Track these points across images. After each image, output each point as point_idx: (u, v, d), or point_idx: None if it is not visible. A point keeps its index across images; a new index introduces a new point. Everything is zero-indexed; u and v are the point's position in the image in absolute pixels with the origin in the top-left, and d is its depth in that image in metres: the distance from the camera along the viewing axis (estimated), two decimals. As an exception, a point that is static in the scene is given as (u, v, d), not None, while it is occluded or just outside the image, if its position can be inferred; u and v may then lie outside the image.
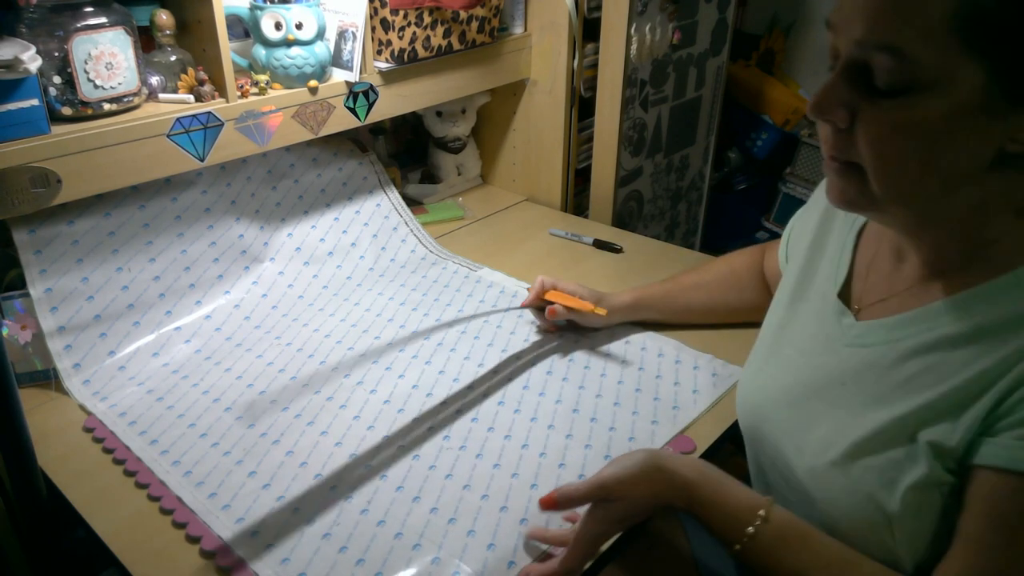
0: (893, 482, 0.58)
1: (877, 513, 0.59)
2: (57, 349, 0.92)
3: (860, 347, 0.64)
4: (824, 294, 0.71)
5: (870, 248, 0.70)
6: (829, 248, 0.74)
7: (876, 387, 0.61)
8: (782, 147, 1.92)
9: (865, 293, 0.68)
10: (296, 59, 1.03)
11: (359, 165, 1.30)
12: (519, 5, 1.36)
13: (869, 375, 0.62)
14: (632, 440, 0.83)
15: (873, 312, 0.65)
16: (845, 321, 0.67)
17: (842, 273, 0.70)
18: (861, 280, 0.69)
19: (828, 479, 0.63)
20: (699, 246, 1.86)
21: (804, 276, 0.75)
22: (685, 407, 0.88)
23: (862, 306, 0.67)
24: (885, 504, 0.58)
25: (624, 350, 0.99)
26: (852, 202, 0.58)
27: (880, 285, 0.66)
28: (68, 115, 0.88)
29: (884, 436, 0.59)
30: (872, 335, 0.63)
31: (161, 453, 0.82)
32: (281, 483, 0.77)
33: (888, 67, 0.50)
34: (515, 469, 0.79)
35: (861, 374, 0.63)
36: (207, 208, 1.09)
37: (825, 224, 0.75)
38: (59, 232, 0.94)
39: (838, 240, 0.73)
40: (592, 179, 1.47)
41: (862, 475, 0.60)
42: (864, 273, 0.69)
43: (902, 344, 0.60)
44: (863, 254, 0.70)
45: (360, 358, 0.98)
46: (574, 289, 0.98)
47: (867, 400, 0.62)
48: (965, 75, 0.49)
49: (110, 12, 0.88)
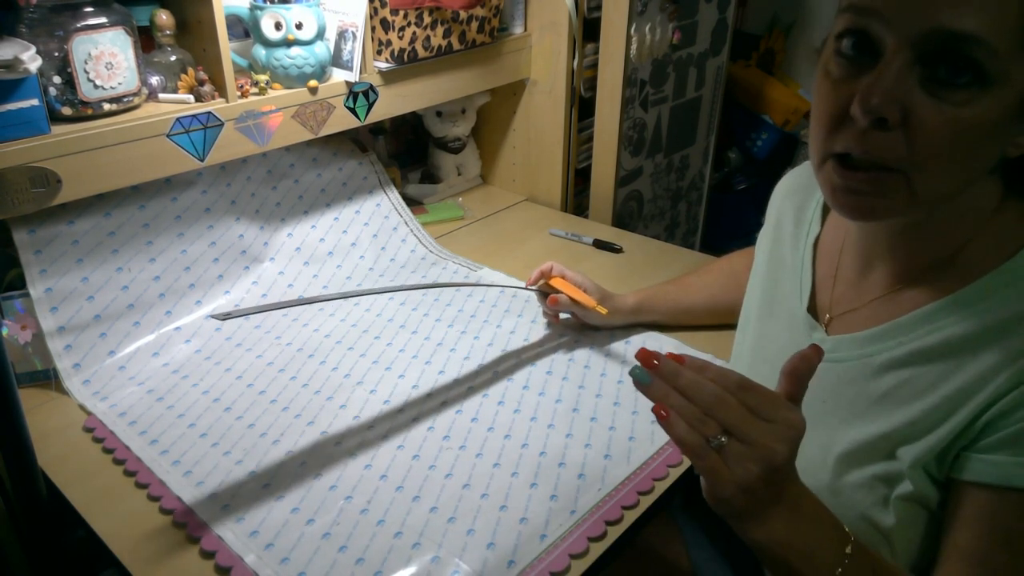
0: (884, 499, 0.58)
1: (872, 531, 0.59)
2: (57, 349, 0.92)
3: (834, 363, 0.63)
4: (792, 309, 0.70)
5: (830, 259, 0.69)
6: (786, 261, 0.73)
7: (854, 402, 0.61)
8: (782, 147, 1.92)
9: (833, 304, 0.67)
10: (296, 59, 1.03)
11: (359, 165, 1.30)
12: (519, 5, 1.36)
13: (846, 391, 0.62)
14: (632, 439, 0.83)
15: (844, 324, 0.65)
16: (816, 336, 0.66)
17: (807, 287, 0.69)
18: (827, 291, 0.68)
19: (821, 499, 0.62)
20: (699, 246, 1.86)
21: (768, 292, 0.74)
22: None
23: (832, 317, 0.66)
24: (880, 521, 0.58)
25: (624, 350, 0.99)
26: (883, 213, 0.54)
27: (848, 295, 0.65)
28: (68, 115, 0.88)
29: (866, 452, 0.59)
30: (844, 350, 0.63)
31: (161, 453, 0.82)
32: (281, 483, 0.78)
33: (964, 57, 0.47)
34: (514, 468, 0.79)
35: (838, 390, 0.62)
36: (207, 208, 1.09)
37: (777, 238, 0.75)
38: (59, 232, 0.94)
39: (794, 254, 0.72)
40: (592, 179, 1.47)
41: (851, 494, 0.60)
42: (829, 284, 0.68)
43: (875, 359, 0.60)
44: (822, 264, 0.69)
45: (360, 358, 0.98)
46: (581, 281, 0.97)
47: (847, 416, 0.61)
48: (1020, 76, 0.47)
49: (110, 12, 0.88)
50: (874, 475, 0.58)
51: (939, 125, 0.48)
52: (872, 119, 0.49)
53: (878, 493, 0.58)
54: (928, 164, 0.50)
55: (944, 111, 0.48)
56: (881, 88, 0.48)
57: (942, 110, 0.48)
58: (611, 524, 0.73)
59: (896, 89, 0.48)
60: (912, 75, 0.48)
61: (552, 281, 0.98)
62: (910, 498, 0.57)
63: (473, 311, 1.09)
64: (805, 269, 0.70)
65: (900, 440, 0.57)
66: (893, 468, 0.57)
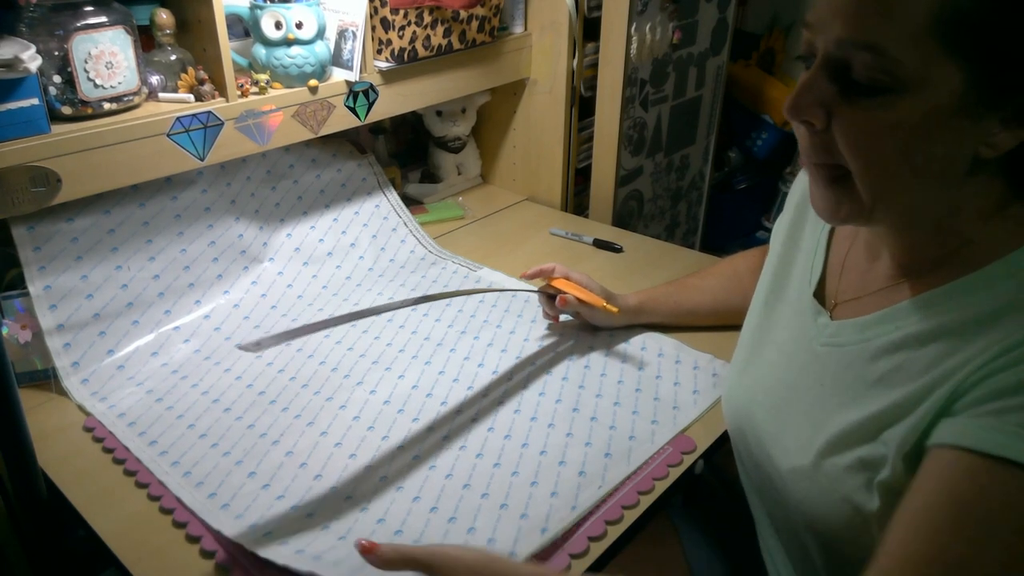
0: (868, 482, 0.58)
1: (855, 514, 0.59)
2: (56, 347, 0.92)
3: (835, 347, 0.64)
4: (800, 293, 0.71)
5: (843, 245, 0.70)
6: (803, 246, 0.74)
7: (851, 387, 0.61)
8: (782, 147, 1.92)
9: (840, 291, 0.68)
10: (296, 58, 1.03)
11: (358, 167, 1.30)
12: (519, 4, 1.36)
13: (845, 375, 0.62)
14: (633, 439, 0.83)
15: (847, 311, 0.66)
16: (820, 320, 0.67)
17: (817, 271, 0.70)
18: (836, 278, 0.69)
19: (804, 480, 0.63)
20: (699, 246, 1.86)
21: (780, 275, 0.75)
22: (685, 407, 0.88)
23: (837, 304, 0.67)
24: (863, 504, 0.58)
25: (624, 349, 0.99)
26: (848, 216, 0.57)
27: (854, 283, 0.66)
28: (68, 114, 0.88)
29: (852, 436, 0.59)
30: (845, 334, 0.64)
31: (160, 454, 0.82)
32: (280, 483, 0.77)
33: (868, 65, 0.50)
34: (515, 467, 0.79)
35: (838, 374, 0.63)
36: (207, 207, 1.09)
37: (797, 223, 0.76)
38: (58, 229, 0.94)
39: (811, 238, 0.73)
40: (592, 179, 1.47)
41: (836, 476, 0.60)
42: (838, 271, 0.69)
43: (873, 343, 0.60)
44: (836, 251, 0.70)
45: (360, 359, 0.98)
46: (585, 282, 0.98)
47: (843, 400, 0.62)
48: (943, 77, 0.49)
49: (110, 11, 0.88)
50: (859, 458, 0.58)
51: (856, 128, 0.52)
52: (797, 123, 0.55)
53: (861, 477, 0.58)
54: (858, 165, 0.53)
55: (860, 115, 0.52)
56: (798, 91, 0.54)
57: (858, 114, 0.52)
58: (611, 523, 0.73)
59: (812, 93, 0.53)
60: (837, 81, 0.52)
61: (556, 282, 0.98)
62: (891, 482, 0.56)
63: (473, 311, 1.09)
64: (818, 254, 0.71)
65: (886, 422, 0.57)
66: (877, 452, 0.57)
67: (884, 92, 0.50)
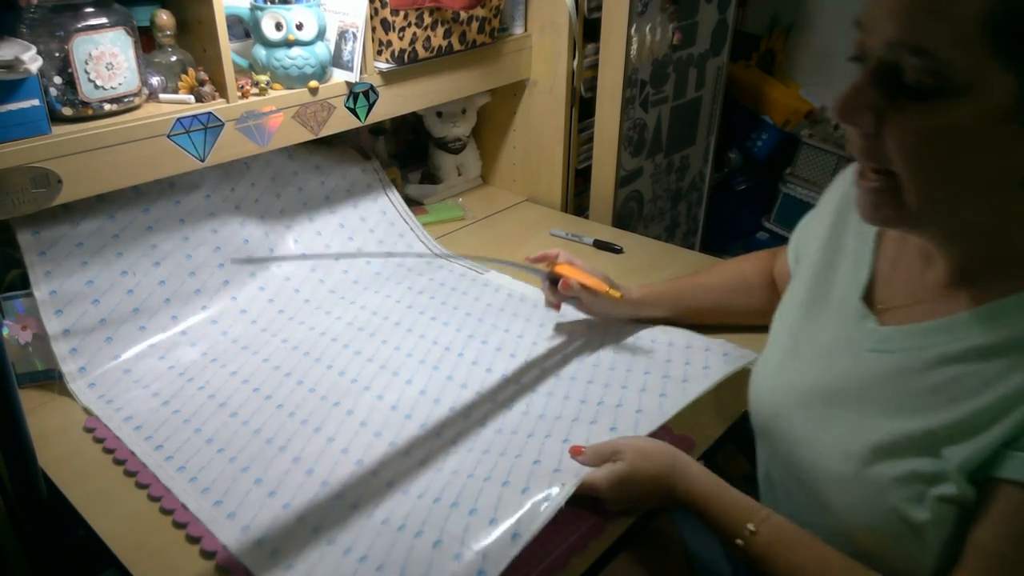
0: (920, 495, 0.57)
1: (902, 526, 0.58)
2: (62, 352, 0.92)
3: (883, 352, 0.62)
4: (845, 296, 0.69)
5: (893, 249, 0.68)
6: (848, 249, 0.72)
7: (900, 394, 0.60)
8: (782, 147, 1.92)
9: (889, 296, 0.66)
10: (296, 59, 1.03)
11: (362, 172, 1.30)
12: (519, 5, 1.36)
13: (893, 382, 0.61)
14: (640, 412, 0.82)
15: (898, 317, 0.64)
16: (868, 325, 0.65)
17: (864, 275, 0.68)
18: (884, 283, 0.67)
19: (849, 488, 0.61)
20: (699, 246, 1.86)
21: (821, 278, 0.73)
22: (695, 380, 0.87)
23: (886, 309, 0.65)
24: (911, 516, 0.57)
25: (634, 343, 0.98)
26: (888, 218, 0.56)
27: (905, 289, 0.65)
28: (68, 115, 0.88)
29: (903, 446, 0.58)
30: (896, 341, 0.62)
31: (167, 459, 0.81)
32: (287, 491, 0.76)
33: (918, 69, 0.48)
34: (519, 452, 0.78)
35: (884, 380, 0.62)
36: (211, 212, 1.08)
37: (840, 225, 0.74)
38: (64, 234, 0.94)
39: (857, 241, 0.71)
40: (592, 179, 1.47)
41: (884, 486, 0.59)
42: (887, 276, 0.67)
43: (928, 352, 0.59)
44: (885, 255, 0.69)
45: (367, 363, 0.97)
46: (590, 270, 0.97)
47: (890, 407, 0.60)
48: (996, 82, 0.47)
49: (111, 12, 0.88)
50: (913, 470, 0.57)
51: (905, 133, 0.51)
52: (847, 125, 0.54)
53: (913, 489, 0.57)
54: (908, 172, 0.52)
55: (910, 120, 0.50)
56: (848, 95, 0.53)
57: (908, 119, 0.51)
58: (612, 523, 0.73)
59: (861, 97, 0.52)
60: (887, 85, 0.51)
61: (560, 268, 0.97)
62: (951, 500, 0.55)
63: (480, 315, 1.08)
64: (866, 256, 0.69)
65: (946, 439, 0.56)
66: (936, 467, 0.56)
67: (934, 96, 0.49)
